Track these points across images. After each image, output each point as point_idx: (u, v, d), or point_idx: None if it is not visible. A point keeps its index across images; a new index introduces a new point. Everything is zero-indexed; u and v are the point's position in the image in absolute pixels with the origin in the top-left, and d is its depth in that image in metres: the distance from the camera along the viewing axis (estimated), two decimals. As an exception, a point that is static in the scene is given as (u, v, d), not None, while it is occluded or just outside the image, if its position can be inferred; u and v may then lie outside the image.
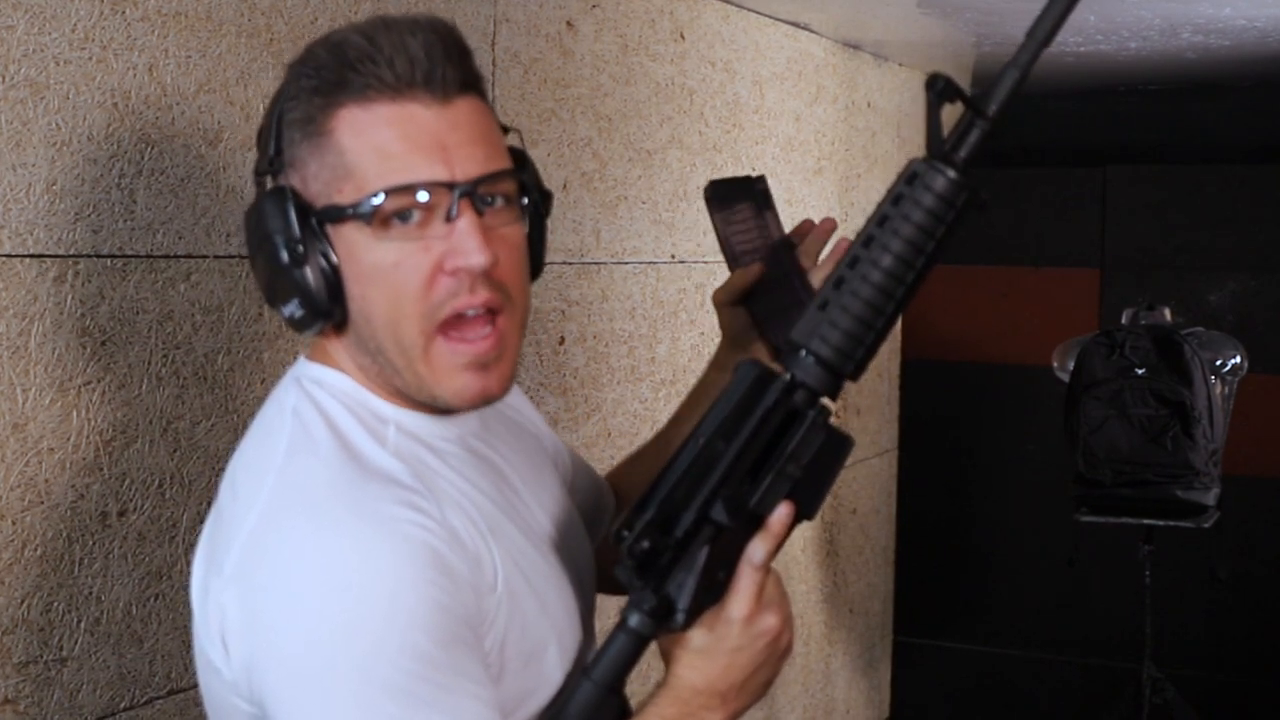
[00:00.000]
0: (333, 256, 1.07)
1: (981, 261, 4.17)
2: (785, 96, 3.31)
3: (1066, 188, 4.14)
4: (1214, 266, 3.95)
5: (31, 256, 1.49)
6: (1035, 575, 4.15)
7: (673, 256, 2.84)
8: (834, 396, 1.07)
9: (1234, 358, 3.39)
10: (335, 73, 1.06)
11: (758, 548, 1.07)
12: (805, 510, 1.09)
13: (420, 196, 1.05)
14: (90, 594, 1.57)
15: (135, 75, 1.60)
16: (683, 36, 2.84)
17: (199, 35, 1.68)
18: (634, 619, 1.04)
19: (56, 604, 1.53)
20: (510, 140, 1.15)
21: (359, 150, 1.05)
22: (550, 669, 1.14)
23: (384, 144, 1.05)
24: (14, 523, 1.48)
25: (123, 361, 1.59)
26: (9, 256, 1.47)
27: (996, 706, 4.26)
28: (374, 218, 1.05)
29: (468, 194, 1.06)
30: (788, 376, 1.06)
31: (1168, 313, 3.47)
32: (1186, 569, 3.62)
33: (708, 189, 1.42)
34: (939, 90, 1.00)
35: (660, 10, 2.75)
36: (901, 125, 4.05)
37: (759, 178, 1.43)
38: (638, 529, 1.01)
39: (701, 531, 1.04)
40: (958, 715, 4.31)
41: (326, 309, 1.08)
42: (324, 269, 1.07)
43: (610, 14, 2.58)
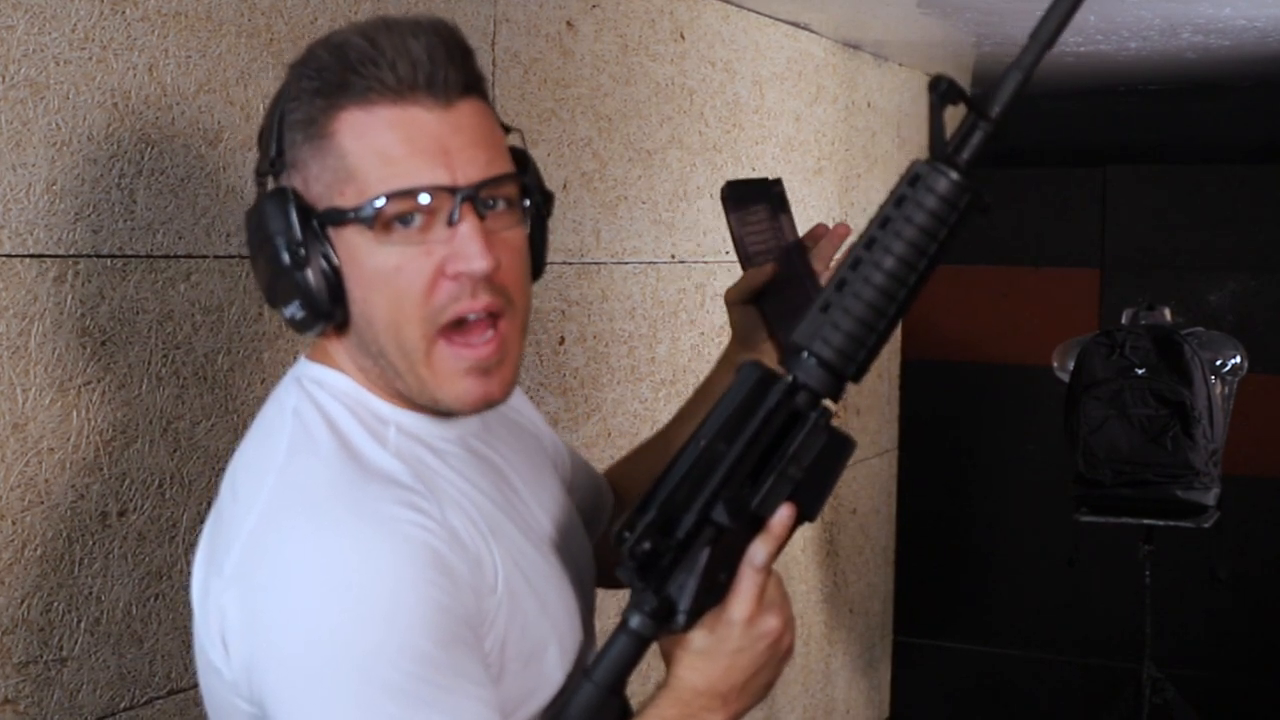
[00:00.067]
0: (334, 259, 1.07)
1: (982, 262, 4.17)
2: (785, 96, 3.30)
3: (1066, 188, 4.14)
4: (1214, 266, 3.95)
5: (31, 256, 1.49)
6: (1035, 575, 4.15)
7: (673, 256, 2.84)
8: (836, 398, 1.07)
9: (1234, 358, 3.39)
10: (337, 75, 1.06)
11: (759, 549, 1.07)
12: (806, 512, 1.09)
13: (422, 200, 1.05)
14: (90, 594, 1.57)
15: (135, 75, 1.60)
16: (683, 36, 2.83)
17: (199, 35, 1.68)
18: (635, 620, 1.04)
19: (56, 604, 1.53)
20: (512, 140, 1.15)
21: (360, 153, 1.05)
22: (550, 669, 1.14)
23: (386, 147, 1.05)
24: (14, 523, 1.48)
25: (123, 361, 1.59)
26: (9, 256, 1.46)
27: (996, 706, 4.26)
28: (375, 221, 1.05)
29: (469, 198, 1.06)
30: (790, 378, 1.06)
31: (1168, 313, 3.47)
32: (1186, 569, 3.62)
33: (725, 189, 1.42)
34: (942, 92, 1.00)
35: (660, 10, 2.75)
36: (901, 125, 4.05)
37: (775, 180, 1.44)
38: (639, 530, 1.01)
39: (703, 533, 1.04)
40: (958, 715, 4.31)
41: (327, 311, 1.08)
42: (325, 271, 1.07)
43: (610, 14, 2.58)
